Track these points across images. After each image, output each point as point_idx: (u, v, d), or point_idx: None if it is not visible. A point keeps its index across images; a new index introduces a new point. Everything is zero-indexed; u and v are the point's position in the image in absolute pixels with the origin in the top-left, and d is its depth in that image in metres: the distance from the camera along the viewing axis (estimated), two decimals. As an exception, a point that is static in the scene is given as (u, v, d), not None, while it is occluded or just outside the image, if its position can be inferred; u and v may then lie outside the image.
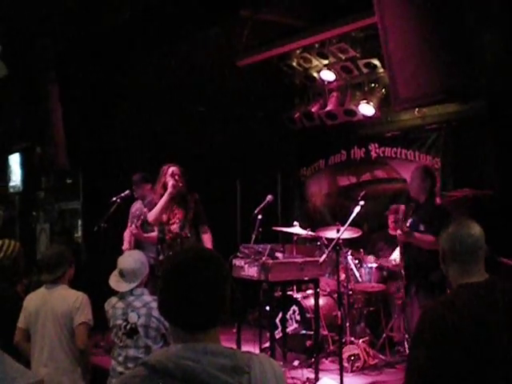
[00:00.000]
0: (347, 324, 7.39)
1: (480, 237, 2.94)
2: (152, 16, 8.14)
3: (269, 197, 6.95)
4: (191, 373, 1.96)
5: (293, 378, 6.55)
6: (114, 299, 4.99)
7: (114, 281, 5.02)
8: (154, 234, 7.86)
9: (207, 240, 6.92)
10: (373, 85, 9.24)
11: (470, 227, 2.95)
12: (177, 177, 7.04)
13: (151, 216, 7.08)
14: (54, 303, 5.12)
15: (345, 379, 6.14)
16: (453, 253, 2.93)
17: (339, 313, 6.34)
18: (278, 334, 7.22)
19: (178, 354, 2.01)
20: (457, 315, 2.68)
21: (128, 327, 4.81)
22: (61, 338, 5.07)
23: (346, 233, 6.78)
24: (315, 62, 9.51)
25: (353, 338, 7.34)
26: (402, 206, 6.40)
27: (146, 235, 7.72)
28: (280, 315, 7.40)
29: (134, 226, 7.60)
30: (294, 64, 9.69)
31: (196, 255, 2.15)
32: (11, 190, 12.85)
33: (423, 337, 2.73)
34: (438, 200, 6.95)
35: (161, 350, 2.09)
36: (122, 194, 8.09)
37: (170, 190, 6.91)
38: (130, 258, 5.12)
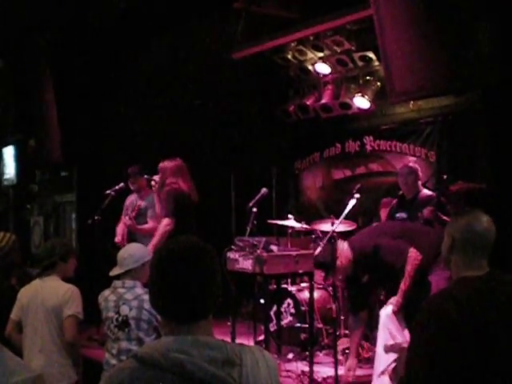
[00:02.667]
0: (342, 317, 7.40)
1: (493, 233, 2.91)
2: (146, 9, 8.12)
3: (263, 190, 6.94)
4: (180, 365, 1.95)
5: (287, 371, 6.55)
6: (106, 291, 4.98)
7: None
8: (147, 226, 7.87)
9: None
10: (368, 78, 9.22)
11: (485, 221, 2.91)
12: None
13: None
14: (44, 295, 5.13)
15: (339, 372, 6.13)
16: (464, 243, 2.88)
17: (334, 306, 6.34)
18: (272, 327, 7.21)
19: (167, 346, 1.99)
20: (457, 310, 2.65)
21: (120, 320, 4.80)
22: (51, 331, 5.08)
23: (341, 226, 6.77)
24: (310, 55, 9.50)
25: (347, 331, 7.35)
26: (394, 200, 6.48)
27: (139, 227, 7.72)
28: (274, 308, 7.39)
29: (127, 217, 7.61)
30: (289, 57, 9.69)
31: (186, 246, 2.13)
32: (5, 183, 12.84)
33: (423, 330, 2.71)
34: (422, 193, 7.08)
35: (151, 343, 2.08)
36: (117, 187, 8.07)
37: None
38: (128, 247, 5.17)
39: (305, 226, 7.75)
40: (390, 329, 5.72)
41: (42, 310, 5.11)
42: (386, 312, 5.78)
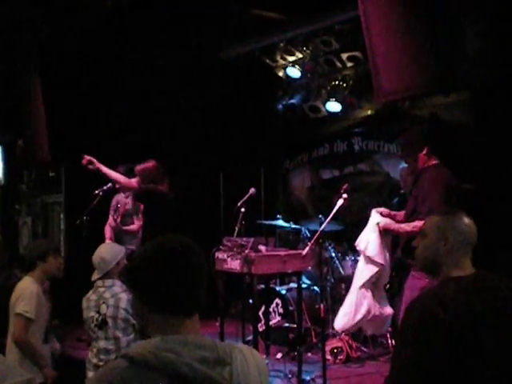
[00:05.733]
0: (330, 317, 7.41)
1: (476, 232, 2.92)
2: (134, 8, 8.10)
3: (252, 190, 6.94)
4: (171, 365, 1.94)
5: (276, 370, 6.57)
6: (90, 292, 5.04)
7: None
8: (134, 226, 7.88)
9: None
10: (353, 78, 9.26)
11: (467, 221, 2.92)
12: None
13: None
14: (13, 295, 5.19)
15: (328, 372, 6.14)
16: (457, 245, 2.88)
17: (322, 305, 6.34)
18: (261, 327, 7.21)
19: (158, 346, 1.98)
20: (444, 310, 2.65)
21: (99, 319, 4.85)
22: (11, 329, 5.13)
23: (329, 226, 6.78)
24: (298, 55, 9.50)
25: (336, 331, 7.37)
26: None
27: (125, 228, 7.74)
28: (263, 308, 7.39)
29: (111, 218, 7.63)
30: (278, 57, 9.67)
31: (174, 244, 2.13)
32: (-7, 184, 12.77)
33: (409, 330, 2.71)
34: None
35: (142, 342, 2.07)
36: (105, 187, 8.05)
37: None
38: (98, 250, 5.19)
39: (293, 225, 7.76)
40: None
41: (10, 309, 5.17)
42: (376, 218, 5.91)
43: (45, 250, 5.38)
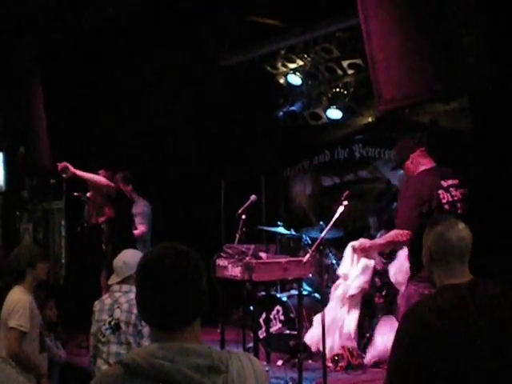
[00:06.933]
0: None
1: (470, 239, 2.91)
2: (136, 15, 8.13)
3: (252, 197, 6.95)
4: (165, 372, 1.94)
5: (276, 377, 6.56)
6: (105, 296, 5.06)
7: None
8: (136, 232, 7.90)
9: None
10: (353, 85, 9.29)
11: (460, 229, 2.91)
12: None
13: None
14: (4, 306, 5.16)
15: (328, 379, 6.14)
16: (441, 254, 2.89)
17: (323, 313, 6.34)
18: (261, 334, 7.21)
19: (152, 353, 1.99)
20: (440, 317, 2.66)
21: (112, 323, 4.85)
22: (4, 342, 5.10)
23: (330, 233, 6.79)
24: (299, 62, 9.53)
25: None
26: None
27: None
28: (264, 315, 7.40)
29: None
30: (278, 64, 9.70)
31: (169, 253, 2.11)
32: (-6, 190, 12.78)
33: (405, 337, 2.72)
34: None
35: (137, 349, 2.08)
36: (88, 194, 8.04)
37: None
38: (122, 254, 5.17)
39: (294, 232, 7.76)
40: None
41: (2, 322, 5.14)
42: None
43: (33, 256, 5.34)
